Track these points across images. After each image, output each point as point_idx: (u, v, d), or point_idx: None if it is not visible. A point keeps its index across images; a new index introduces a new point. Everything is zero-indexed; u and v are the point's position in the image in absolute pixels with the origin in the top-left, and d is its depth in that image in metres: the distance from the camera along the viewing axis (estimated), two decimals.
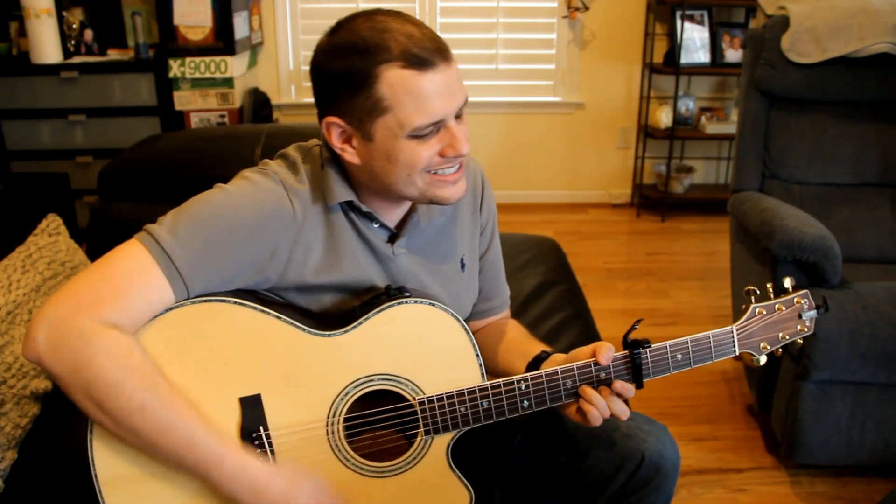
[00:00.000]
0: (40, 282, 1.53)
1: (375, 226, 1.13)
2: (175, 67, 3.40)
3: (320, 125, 1.07)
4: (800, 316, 1.15)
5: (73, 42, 3.50)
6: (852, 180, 2.43)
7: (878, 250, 2.35)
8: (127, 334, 0.97)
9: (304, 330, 1.05)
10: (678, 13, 3.80)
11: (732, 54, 3.92)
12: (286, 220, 1.06)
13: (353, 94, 0.99)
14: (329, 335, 1.06)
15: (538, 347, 1.21)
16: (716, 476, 2.12)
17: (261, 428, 1.05)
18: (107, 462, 1.02)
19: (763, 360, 1.15)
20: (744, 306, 1.15)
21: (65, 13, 3.46)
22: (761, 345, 1.14)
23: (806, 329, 1.16)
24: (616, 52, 4.11)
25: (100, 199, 1.77)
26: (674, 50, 3.83)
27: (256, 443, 1.05)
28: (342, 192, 1.08)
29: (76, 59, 3.44)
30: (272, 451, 1.06)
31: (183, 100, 3.45)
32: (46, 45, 3.32)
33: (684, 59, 3.83)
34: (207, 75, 3.42)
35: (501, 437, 1.25)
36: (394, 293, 1.08)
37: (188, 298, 1.01)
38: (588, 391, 1.08)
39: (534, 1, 4.04)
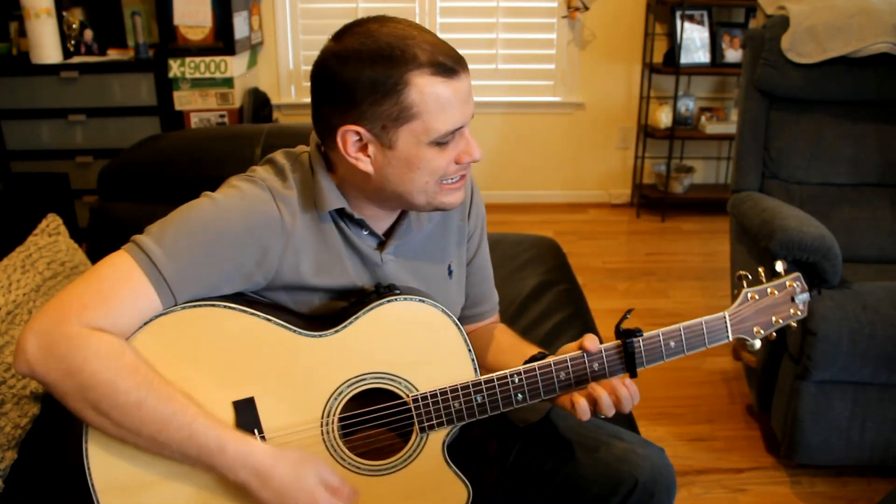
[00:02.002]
0: (40, 282, 1.53)
1: (365, 233, 1.13)
2: (175, 67, 3.40)
3: (327, 132, 1.04)
4: (792, 299, 1.15)
5: (72, 42, 3.50)
6: (852, 180, 2.43)
7: (878, 250, 2.35)
8: (116, 336, 0.97)
9: (294, 331, 1.05)
10: (678, 13, 3.80)
11: (732, 54, 3.92)
12: (274, 227, 1.05)
13: (380, 101, 0.98)
14: (320, 335, 1.06)
15: (534, 349, 1.21)
16: (716, 476, 2.12)
17: (255, 431, 1.05)
18: (103, 470, 1.02)
19: (757, 344, 1.14)
20: (735, 291, 1.15)
21: (65, 13, 3.46)
22: (755, 329, 1.14)
23: (799, 312, 1.16)
24: (616, 52, 4.11)
25: (100, 199, 1.77)
26: (674, 50, 3.84)
27: None
28: (334, 200, 1.08)
29: (76, 59, 3.44)
30: None
31: (183, 100, 3.45)
32: (46, 45, 3.32)
33: (684, 59, 3.83)
34: (207, 75, 3.42)
35: (500, 445, 1.25)
36: (384, 291, 1.09)
37: (176, 305, 1.01)
38: (597, 389, 1.08)
39: (534, 1, 4.04)
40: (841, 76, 2.37)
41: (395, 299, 1.07)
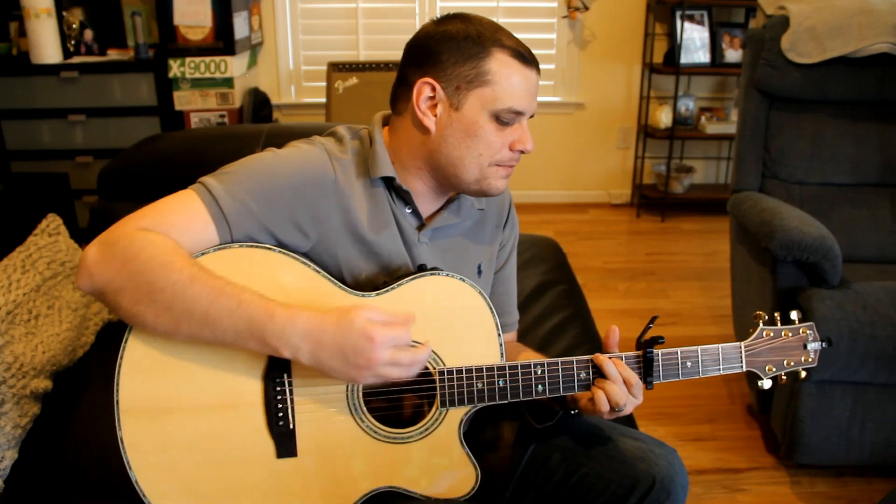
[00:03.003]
0: (40, 282, 1.53)
1: (408, 211, 1.18)
2: (175, 67, 3.40)
3: (404, 91, 1.13)
4: (805, 346, 1.21)
5: (72, 42, 3.50)
6: (852, 180, 2.43)
7: (878, 250, 2.35)
8: (170, 238, 1.02)
9: (341, 287, 1.10)
10: (678, 13, 3.80)
11: (732, 54, 3.93)
12: (328, 183, 1.11)
13: (461, 61, 1.09)
14: (363, 295, 1.10)
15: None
16: (716, 476, 2.12)
17: (285, 375, 1.07)
18: (130, 391, 1.04)
19: (768, 384, 1.20)
20: (751, 329, 1.21)
21: (65, 13, 3.46)
22: (767, 367, 1.20)
23: (810, 360, 1.21)
24: (616, 52, 4.11)
25: (100, 199, 1.77)
26: (674, 50, 3.84)
27: (279, 388, 1.07)
28: (386, 168, 1.14)
29: (76, 59, 3.44)
30: (292, 400, 1.08)
31: (183, 100, 3.45)
32: (46, 45, 3.32)
33: (684, 59, 3.83)
34: (207, 75, 3.42)
35: (516, 446, 1.26)
36: (427, 270, 1.13)
37: (233, 241, 1.06)
38: (601, 358, 1.12)
39: (534, 1, 4.04)
40: (841, 76, 2.37)
41: (438, 273, 1.12)
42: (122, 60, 3.46)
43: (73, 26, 3.50)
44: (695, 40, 3.90)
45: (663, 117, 4.04)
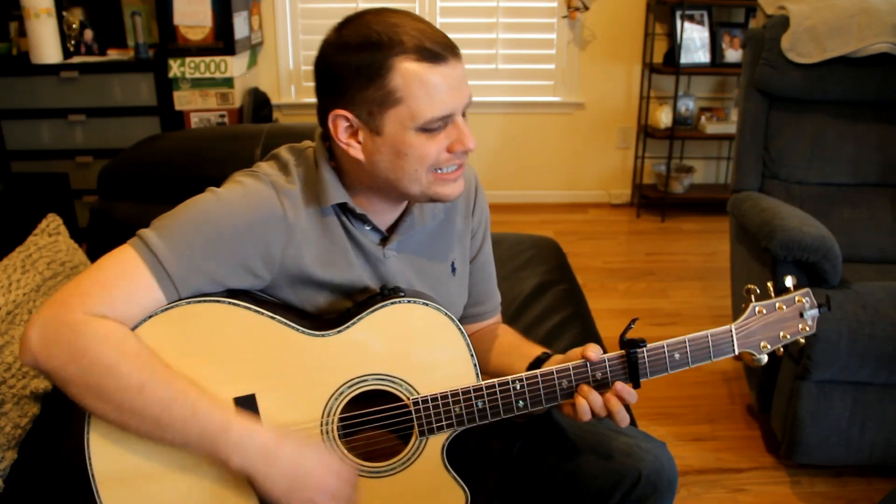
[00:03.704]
0: (40, 282, 1.53)
1: (367, 228, 1.13)
2: (175, 67, 3.40)
3: (323, 120, 1.06)
4: (801, 315, 1.14)
5: (73, 42, 3.50)
6: (852, 180, 2.43)
7: (878, 250, 2.35)
8: (118, 323, 0.98)
9: (298, 330, 1.06)
10: (678, 13, 3.80)
11: (732, 54, 3.92)
12: (276, 222, 1.06)
13: (365, 85, 1.00)
14: (323, 335, 1.06)
15: (537, 349, 1.21)
16: (716, 476, 2.12)
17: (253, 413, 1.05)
18: (104, 461, 1.02)
19: (764, 359, 1.13)
20: (743, 305, 1.14)
21: (65, 13, 3.46)
22: (762, 344, 1.13)
23: (808, 328, 1.15)
24: (616, 52, 4.11)
25: (100, 199, 1.77)
26: (674, 50, 3.83)
27: None
28: (337, 194, 1.08)
29: (76, 59, 3.44)
30: None
31: (183, 100, 3.45)
32: (46, 45, 3.32)
33: (684, 59, 3.83)
34: (207, 75, 3.42)
35: (502, 442, 1.25)
36: (388, 293, 1.09)
37: (180, 300, 1.02)
38: (585, 389, 1.08)
39: (534, 1, 4.04)
40: (841, 76, 2.37)
41: (399, 301, 1.07)
42: (122, 60, 3.46)
43: (73, 26, 3.50)
44: (695, 40, 3.90)
45: (663, 117, 4.04)
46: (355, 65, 0.99)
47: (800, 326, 1.14)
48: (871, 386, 1.94)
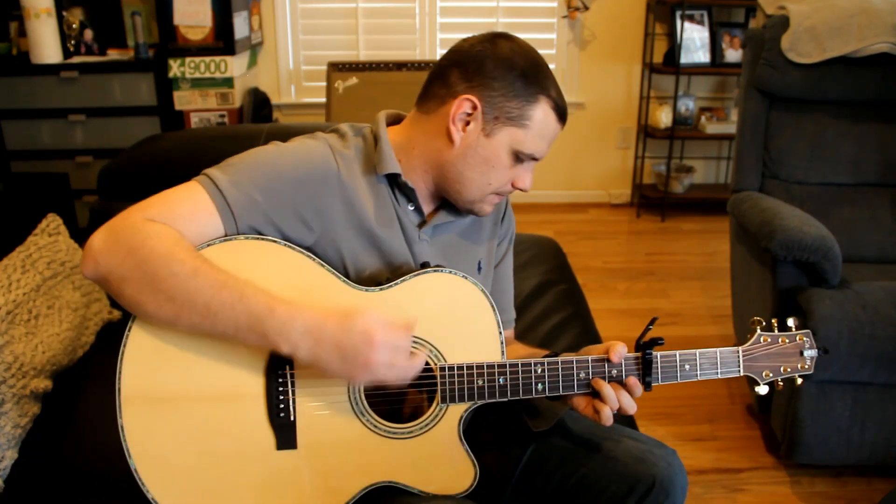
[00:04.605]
0: (40, 282, 1.53)
1: (411, 207, 1.19)
2: (175, 67, 3.40)
3: (442, 94, 1.13)
4: (801, 353, 1.22)
5: (73, 42, 3.50)
6: (852, 180, 2.43)
7: (878, 250, 2.35)
8: (176, 229, 1.03)
9: (345, 282, 1.10)
10: (678, 13, 3.80)
11: (732, 54, 3.93)
12: (331, 177, 1.12)
13: (513, 95, 1.11)
14: (366, 290, 1.11)
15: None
16: (716, 476, 2.12)
17: (287, 367, 1.07)
18: (133, 379, 1.04)
19: (764, 389, 1.21)
20: (749, 335, 1.22)
21: (65, 13, 3.46)
22: (764, 372, 1.21)
23: (806, 367, 1.22)
24: (616, 52, 4.11)
25: (100, 199, 1.77)
26: (674, 50, 3.84)
27: (280, 380, 1.07)
28: (392, 164, 1.15)
29: (76, 59, 3.44)
30: (293, 393, 1.08)
31: (183, 100, 3.45)
32: (46, 45, 3.32)
33: (684, 59, 3.83)
34: (207, 75, 3.42)
35: (516, 444, 1.26)
36: (429, 267, 1.14)
37: (238, 233, 1.06)
38: (600, 383, 1.13)
39: (534, 1, 4.04)
40: (841, 76, 2.37)
41: (441, 270, 1.13)
42: (122, 60, 3.46)
43: (73, 26, 3.50)
44: (695, 40, 3.90)
45: (663, 117, 4.04)
46: (514, 79, 1.11)
47: (799, 365, 1.22)
48: (871, 386, 1.94)
